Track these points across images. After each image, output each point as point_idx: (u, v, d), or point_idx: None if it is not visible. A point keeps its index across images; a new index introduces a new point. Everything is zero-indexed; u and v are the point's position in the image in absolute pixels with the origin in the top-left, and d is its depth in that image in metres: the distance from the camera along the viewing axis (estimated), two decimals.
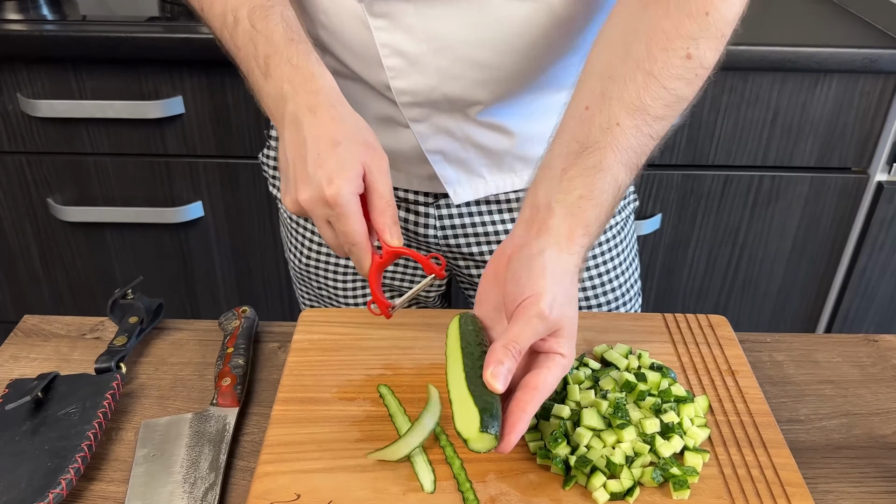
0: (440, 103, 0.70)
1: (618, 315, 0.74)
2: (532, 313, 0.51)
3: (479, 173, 0.77)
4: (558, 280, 0.52)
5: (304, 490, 0.54)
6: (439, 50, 0.66)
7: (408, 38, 0.66)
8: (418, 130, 0.73)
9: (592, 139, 0.55)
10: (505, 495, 0.54)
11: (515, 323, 0.51)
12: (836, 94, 1.19)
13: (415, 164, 0.77)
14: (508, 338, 0.50)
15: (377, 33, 0.66)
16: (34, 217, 1.26)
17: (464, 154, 0.75)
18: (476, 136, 0.74)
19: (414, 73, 0.68)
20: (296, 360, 0.66)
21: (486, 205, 0.80)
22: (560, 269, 0.53)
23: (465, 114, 0.72)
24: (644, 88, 0.55)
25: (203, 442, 0.62)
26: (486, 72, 0.68)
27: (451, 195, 0.77)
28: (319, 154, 0.55)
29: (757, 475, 0.56)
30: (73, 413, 0.63)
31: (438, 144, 0.74)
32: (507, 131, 0.74)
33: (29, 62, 1.12)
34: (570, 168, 0.55)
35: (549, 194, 0.55)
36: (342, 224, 0.56)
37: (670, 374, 0.64)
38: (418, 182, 0.79)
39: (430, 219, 0.81)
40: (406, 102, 0.70)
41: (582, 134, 0.55)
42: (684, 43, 0.56)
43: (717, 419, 0.61)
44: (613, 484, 0.54)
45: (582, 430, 0.57)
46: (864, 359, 0.73)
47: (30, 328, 0.76)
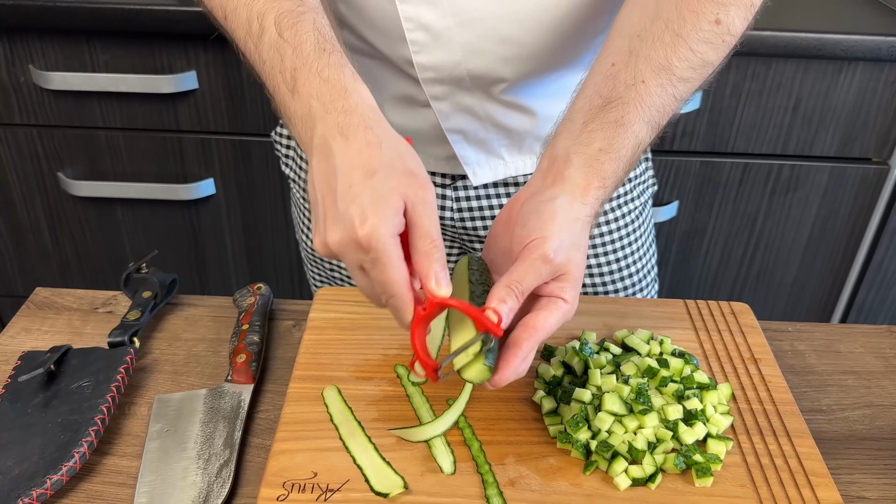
0: (463, 80, 0.69)
1: (639, 301, 0.73)
2: (536, 255, 0.50)
3: (499, 154, 0.76)
4: (567, 226, 0.51)
5: (320, 468, 0.53)
6: (465, 24, 0.65)
7: (433, 12, 0.64)
8: (439, 109, 0.71)
9: (616, 94, 0.55)
10: (524, 478, 0.53)
11: (520, 264, 0.50)
12: (860, 83, 1.17)
13: (433, 145, 0.76)
14: (512, 278, 0.49)
15: (402, 6, 0.64)
16: (44, 191, 1.25)
17: (484, 134, 0.74)
18: (497, 116, 0.73)
19: (438, 48, 0.66)
20: (312, 338, 0.65)
21: (503, 187, 0.79)
22: (571, 216, 0.52)
23: (487, 92, 0.71)
24: (672, 49, 0.55)
25: (217, 418, 0.61)
26: (512, 48, 0.67)
27: (471, 176, 0.76)
28: (352, 187, 0.47)
29: (780, 464, 0.55)
30: (85, 386, 0.62)
31: (459, 124, 0.73)
32: (529, 111, 0.73)
33: (42, 34, 1.10)
34: (591, 121, 0.54)
35: (568, 146, 0.54)
36: (378, 272, 0.47)
37: (693, 360, 0.63)
38: (435, 163, 0.77)
39: (447, 200, 0.79)
40: (428, 79, 0.69)
41: (606, 89, 0.55)
42: (714, 7, 0.56)
43: (740, 407, 0.60)
44: (635, 470, 0.53)
45: (603, 414, 0.56)
46: (886, 350, 0.72)
47: (42, 301, 0.75)
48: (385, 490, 0.51)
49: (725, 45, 0.57)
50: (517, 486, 0.53)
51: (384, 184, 0.47)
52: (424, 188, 0.48)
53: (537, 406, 0.59)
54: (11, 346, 0.69)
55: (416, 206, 0.48)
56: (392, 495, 0.51)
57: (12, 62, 1.13)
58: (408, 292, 0.48)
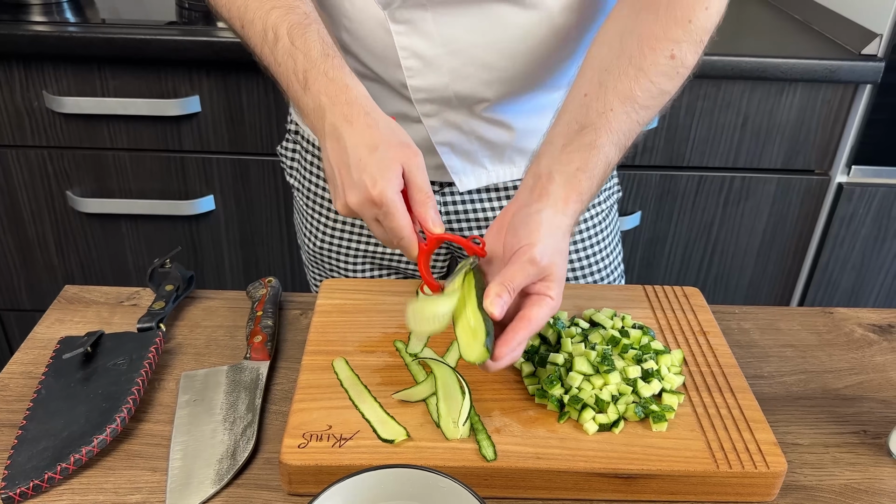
0: (451, 100, 0.79)
1: (604, 286, 0.83)
2: (525, 258, 0.60)
3: (482, 164, 0.86)
4: (551, 234, 0.61)
5: (335, 422, 0.62)
6: (452, 52, 0.75)
7: (425, 42, 0.74)
8: (429, 125, 0.81)
9: (589, 121, 0.65)
10: (508, 427, 0.62)
11: (511, 266, 0.60)
12: (801, 101, 1.29)
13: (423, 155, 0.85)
14: (505, 277, 0.59)
15: (398, 37, 0.74)
16: (52, 208, 1.33)
17: (469, 146, 0.84)
18: (480, 131, 0.83)
19: (429, 72, 0.76)
20: (320, 320, 0.74)
21: (486, 192, 0.89)
22: (554, 225, 0.62)
23: (471, 110, 0.81)
24: (635, 81, 0.65)
25: (239, 389, 0.69)
26: (493, 72, 0.77)
27: (457, 183, 0.86)
28: (361, 159, 0.60)
29: (725, 413, 0.65)
30: (121, 364, 0.70)
31: (447, 137, 0.82)
32: (508, 126, 0.83)
33: (56, 61, 1.19)
34: (569, 144, 0.65)
35: (551, 165, 0.64)
36: (389, 221, 0.60)
37: (650, 332, 0.73)
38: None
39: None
40: (420, 99, 0.79)
41: (581, 116, 0.65)
42: (670, 45, 0.66)
43: (691, 370, 0.70)
44: (601, 417, 0.63)
45: (574, 374, 0.66)
46: (820, 327, 0.83)
47: (71, 296, 0.83)
48: (391, 437, 0.60)
49: (679, 77, 0.68)
50: (502, 433, 0.62)
51: (385, 154, 0.60)
52: (416, 154, 0.62)
53: (518, 370, 0.69)
54: (48, 334, 0.77)
55: (411, 168, 0.61)
56: (397, 441, 0.60)
57: (27, 88, 1.21)
58: (412, 234, 0.61)
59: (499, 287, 0.59)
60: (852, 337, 0.81)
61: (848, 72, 1.24)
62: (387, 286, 0.80)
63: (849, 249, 1.42)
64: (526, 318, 0.60)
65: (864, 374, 0.76)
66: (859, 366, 0.77)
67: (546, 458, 0.59)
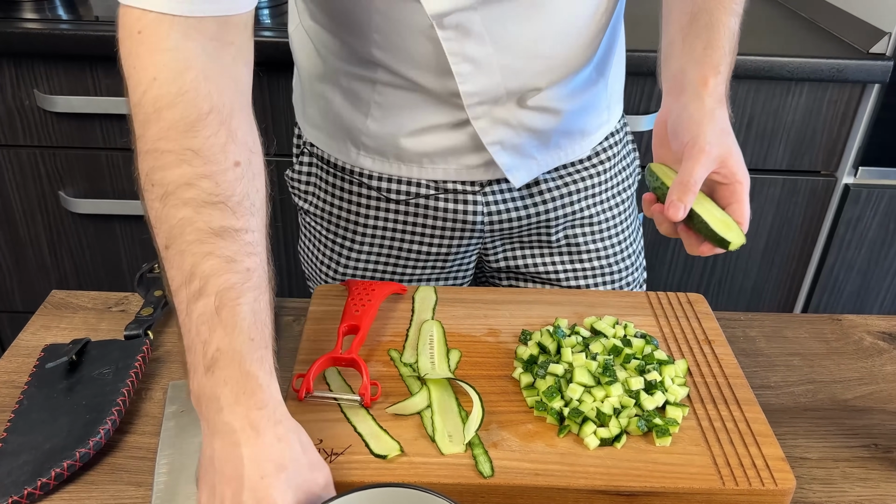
0: (500, 97, 0.76)
1: (605, 293, 0.81)
2: (695, 151, 0.63)
3: (531, 154, 0.82)
4: (707, 120, 0.64)
5: (326, 436, 0.60)
6: (502, 49, 0.72)
7: (475, 44, 0.71)
8: (480, 126, 0.77)
9: (698, 6, 0.68)
10: (506, 441, 0.60)
11: (685, 163, 0.63)
12: (807, 101, 1.27)
13: (466, 155, 0.81)
14: (682, 176, 0.63)
15: (447, 44, 0.70)
16: (45, 208, 1.31)
17: (518, 140, 0.80)
18: (529, 121, 0.79)
19: (480, 74, 0.73)
20: (313, 327, 0.72)
21: (525, 188, 0.86)
22: (705, 110, 0.64)
23: (519, 103, 0.77)
24: None
25: None
26: (543, 61, 0.74)
27: (512, 180, 0.82)
28: (263, 479, 0.48)
29: (731, 427, 0.63)
30: (106, 373, 0.68)
31: (497, 136, 0.78)
32: (555, 111, 0.80)
33: (47, 59, 1.17)
34: (687, 35, 0.68)
35: (678, 60, 0.67)
36: None
37: (653, 341, 0.71)
38: (467, 172, 0.82)
39: (478, 206, 0.85)
40: (473, 103, 0.75)
41: (688, 5, 0.68)
42: None
43: (696, 380, 0.68)
44: (603, 431, 0.60)
45: (574, 385, 0.63)
46: (828, 335, 0.80)
47: (58, 301, 0.81)
48: (384, 452, 0.58)
49: None
50: (500, 448, 0.60)
51: (293, 480, 0.49)
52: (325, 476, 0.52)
53: (516, 382, 0.67)
54: (33, 341, 0.75)
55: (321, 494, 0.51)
56: (390, 456, 0.58)
57: (18, 86, 1.19)
58: None
59: (681, 187, 0.62)
60: (861, 345, 0.79)
61: (855, 71, 1.22)
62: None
63: (855, 252, 1.40)
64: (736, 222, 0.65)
65: (874, 385, 0.73)
66: (869, 375, 0.75)
67: (545, 474, 0.57)
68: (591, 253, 0.91)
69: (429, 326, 0.72)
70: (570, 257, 0.91)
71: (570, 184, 0.88)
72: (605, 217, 0.91)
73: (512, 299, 0.78)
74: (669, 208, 0.63)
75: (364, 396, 0.62)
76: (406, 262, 0.90)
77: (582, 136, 0.85)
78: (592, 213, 0.90)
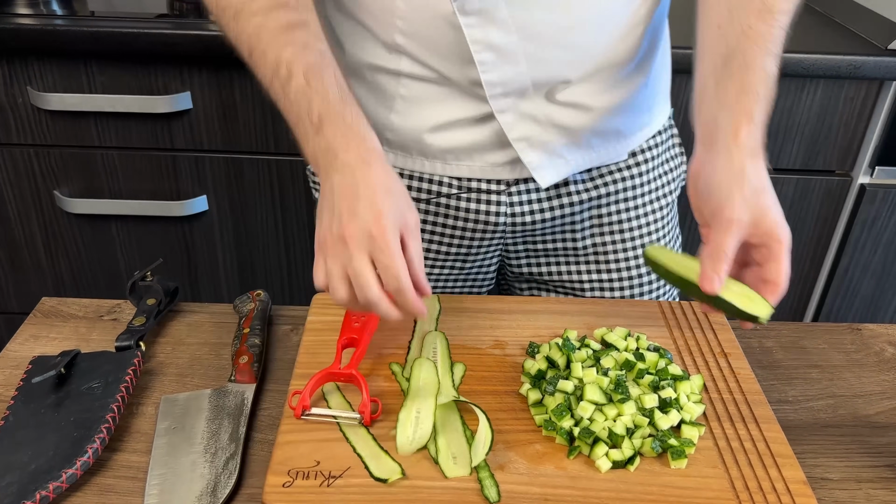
0: (526, 90, 0.72)
1: (616, 301, 0.78)
2: (724, 221, 0.59)
3: (560, 153, 0.78)
4: (737, 183, 0.59)
5: (323, 457, 0.57)
6: (528, 37, 0.69)
7: (498, 31, 0.68)
8: (505, 121, 0.74)
9: (731, 48, 0.62)
10: (513, 463, 0.57)
11: (714, 233, 0.59)
12: (822, 99, 1.23)
13: (491, 152, 0.78)
14: (713, 247, 0.59)
15: (469, 31, 0.67)
16: (40, 208, 1.28)
17: (546, 137, 0.76)
18: (557, 117, 0.76)
19: (504, 64, 0.70)
20: (311, 339, 0.69)
21: (553, 189, 0.82)
22: (734, 171, 0.59)
23: (547, 97, 0.74)
24: None
25: (222, 415, 0.64)
26: (573, 52, 0.71)
27: (538, 179, 0.78)
28: (374, 195, 0.58)
29: (749, 447, 0.60)
30: (96, 388, 0.65)
31: (524, 131, 0.75)
32: (586, 108, 0.76)
33: (41, 56, 1.14)
34: (720, 79, 0.62)
35: (710, 107, 0.63)
36: (387, 256, 0.57)
37: (667, 355, 0.68)
38: (492, 170, 0.79)
39: (502, 206, 0.82)
40: (496, 94, 0.72)
41: (721, 47, 0.63)
42: None
43: (712, 397, 0.65)
44: (615, 453, 0.57)
45: (585, 403, 0.60)
46: (848, 345, 0.77)
47: (48, 310, 0.78)
48: (384, 476, 0.55)
49: None
50: (506, 471, 0.57)
51: (397, 203, 0.59)
52: (417, 216, 0.61)
53: (524, 398, 0.64)
54: (21, 352, 0.72)
55: (411, 228, 0.60)
56: (391, 481, 0.55)
57: (10, 84, 1.16)
58: (409, 281, 0.58)
59: (712, 261, 0.58)
60: (883, 356, 0.76)
61: (873, 67, 1.18)
62: None
63: (870, 254, 1.36)
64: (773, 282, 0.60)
65: None
66: (891, 389, 0.72)
67: (554, 499, 0.54)
68: (619, 262, 0.87)
69: (432, 338, 0.69)
70: (596, 266, 0.87)
71: (600, 186, 0.83)
72: (637, 224, 0.86)
73: (519, 308, 0.74)
74: (704, 281, 0.60)
75: (364, 415, 0.59)
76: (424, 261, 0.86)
77: (617, 137, 0.81)
78: (623, 218, 0.85)
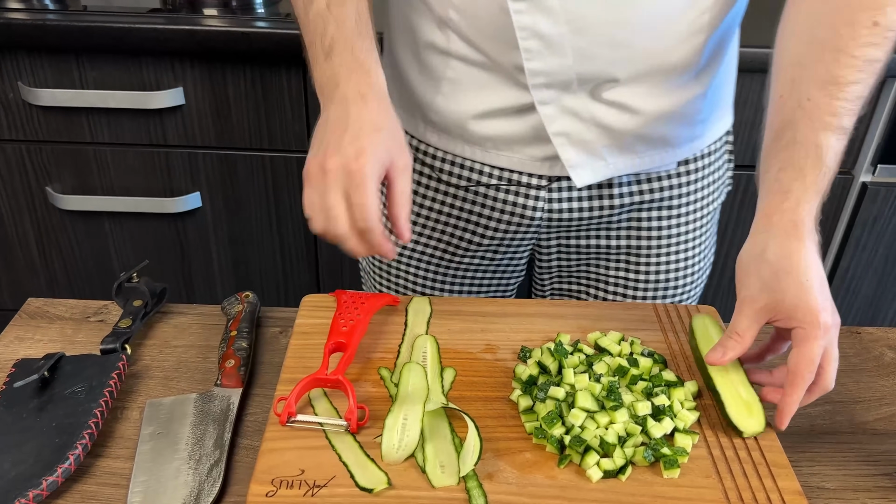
0: (571, 84, 0.71)
1: (611, 304, 0.76)
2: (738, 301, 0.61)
3: (600, 155, 0.76)
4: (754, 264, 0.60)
5: (308, 466, 0.56)
6: (578, 31, 0.67)
7: (547, 20, 0.66)
8: (545, 113, 0.73)
9: (785, 121, 0.61)
10: (502, 472, 0.56)
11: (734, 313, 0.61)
12: None
13: (531, 146, 0.77)
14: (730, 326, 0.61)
15: (517, 17, 0.66)
16: (32, 205, 1.27)
17: (587, 135, 0.75)
18: (602, 117, 0.74)
19: (550, 54, 0.68)
20: (298, 342, 0.68)
21: (597, 189, 0.81)
22: (758, 248, 0.60)
23: (593, 94, 0.72)
24: (833, 63, 0.60)
25: (207, 421, 0.63)
26: (622, 51, 0.69)
27: (574, 178, 0.76)
28: (360, 130, 0.58)
29: (744, 456, 0.58)
30: (79, 392, 0.64)
31: (564, 126, 0.74)
32: (633, 110, 0.74)
33: (31, 51, 1.13)
34: (767, 154, 0.62)
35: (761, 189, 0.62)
36: (360, 195, 0.57)
37: (661, 360, 0.66)
38: (531, 164, 0.78)
39: (540, 202, 0.80)
40: (538, 84, 0.70)
41: (777, 121, 0.62)
42: (870, 14, 0.60)
43: (705, 403, 0.64)
44: (606, 462, 0.56)
45: (576, 411, 0.59)
46: (847, 349, 0.76)
47: (34, 311, 0.77)
48: (369, 485, 0.54)
49: (888, 41, 0.61)
50: (495, 480, 0.55)
51: (384, 141, 0.59)
52: (409, 158, 0.61)
53: (514, 404, 0.62)
54: (5, 354, 0.71)
55: (399, 169, 0.60)
56: (376, 490, 0.54)
57: (1, 79, 1.15)
58: (380, 218, 0.58)
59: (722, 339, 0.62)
60: (882, 361, 0.75)
61: None
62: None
63: (871, 254, 1.34)
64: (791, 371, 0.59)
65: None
66: (890, 395, 0.70)
67: None
68: (650, 266, 0.86)
69: (422, 342, 0.68)
70: (626, 266, 0.86)
71: (645, 192, 0.81)
72: (677, 231, 0.84)
73: (512, 311, 0.73)
74: (709, 353, 0.61)
75: (350, 422, 0.58)
76: (456, 248, 0.86)
77: (664, 146, 0.78)
78: (664, 225, 0.84)
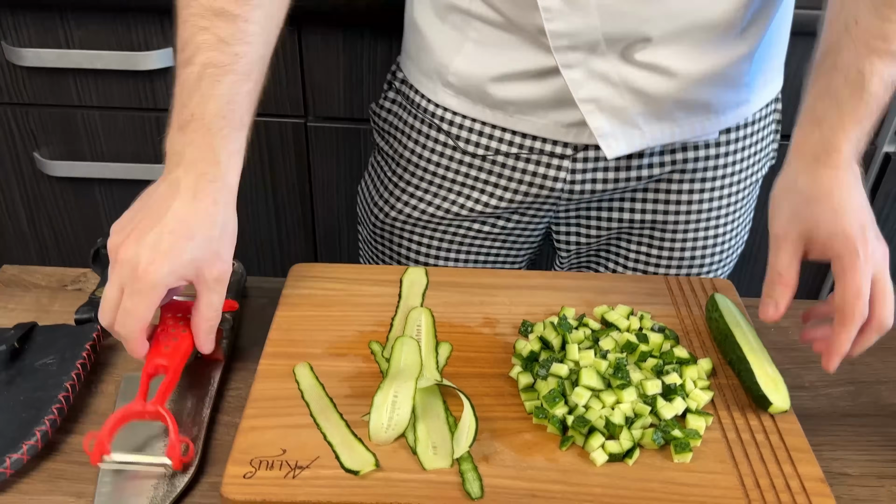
0: (598, 45, 0.65)
1: (619, 276, 0.72)
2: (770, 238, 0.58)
3: (635, 122, 0.70)
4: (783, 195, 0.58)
5: (290, 446, 0.52)
6: None
7: None
8: (571, 77, 0.67)
9: (830, 45, 0.58)
10: (499, 454, 0.52)
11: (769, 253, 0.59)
12: None
13: (557, 110, 0.71)
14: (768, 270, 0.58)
15: None
16: (20, 171, 1.23)
17: (619, 101, 0.69)
18: (635, 80, 0.68)
19: (572, 13, 0.63)
20: (285, 314, 0.64)
21: (626, 159, 0.75)
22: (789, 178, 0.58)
23: (624, 55, 0.67)
24: None
25: (186, 396, 0.59)
26: (654, 6, 0.63)
27: (605, 149, 0.70)
28: (168, 234, 0.53)
29: (761, 440, 0.54)
30: (50, 364, 0.60)
31: (593, 92, 0.68)
32: (670, 73, 0.68)
33: (14, 8, 1.07)
34: (809, 83, 0.59)
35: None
36: (133, 301, 0.52)
37: (673, 336, 0.62)
38: (556, 129, 0.72)
39: (562, 172, 0.75)
40: (561, 46, 0.65)
41: (824, 45, 0.59)
42: None
43: (720, 382, 0.59)
44: (612, 445, 0.52)
45: (580, 389, 0.55)
46: None
47: (9, 278, 0.73)
48: (356, 467, 0.50)
49: None
50: (491, 462, 0.51)
51: (192, 251, 0.54)
52: (224, 268, 0.56)
53: (513, 382, 0.58)
54: None
55: (207, 282, 0.55)
56: (363, 472, 0.50)
57: None
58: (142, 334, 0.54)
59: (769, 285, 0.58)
60: None
61: None
62: (367, 273, 0.69)
63: (893, 227, 1.29)
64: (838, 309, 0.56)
65: None
66: None
67: (543, 496, 0.49)
68: (675, 242, 0.80)
69: (416, 315, 0.64)
70: (649, 241, 0.81)
71: (679, 162, 0.75)
72: (710, 206, 0.79)
73: (513, 283, 0.69)
74: (760, 308, 0.58)
75: (173, 459, 0.52)
76: (469, 213, 0.80)
77: (706, 112, 0.72)
78: (695, 198, 0.78)
